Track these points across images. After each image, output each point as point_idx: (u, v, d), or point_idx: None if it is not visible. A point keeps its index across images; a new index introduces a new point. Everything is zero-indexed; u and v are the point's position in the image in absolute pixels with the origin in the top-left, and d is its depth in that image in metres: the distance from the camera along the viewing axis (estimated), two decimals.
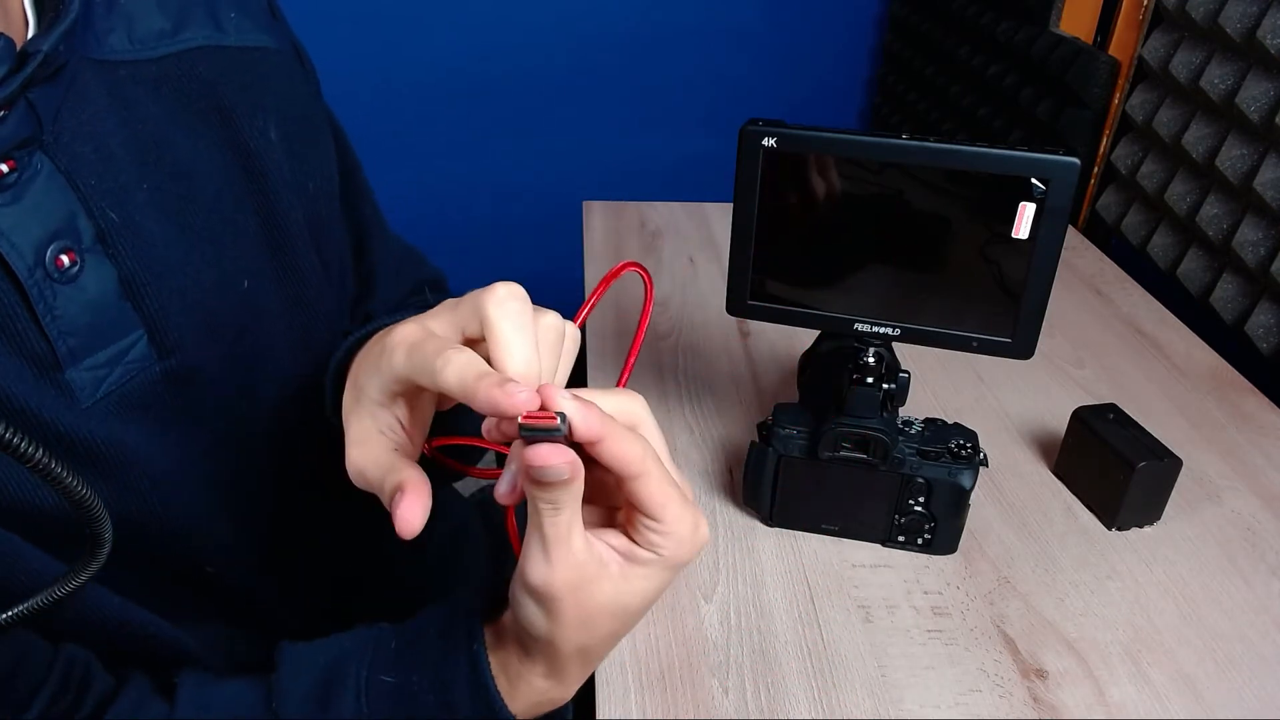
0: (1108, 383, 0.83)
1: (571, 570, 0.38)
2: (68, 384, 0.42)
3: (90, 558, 0.41)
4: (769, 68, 1.89)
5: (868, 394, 0.58)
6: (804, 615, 0.59)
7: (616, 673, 0.55)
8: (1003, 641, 0.58)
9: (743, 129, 0.55)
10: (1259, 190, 0.89)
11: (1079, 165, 0.51)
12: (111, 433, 0.44)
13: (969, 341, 0.57)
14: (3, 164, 0.40)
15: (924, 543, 0.63)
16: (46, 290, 0.41)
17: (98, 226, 0.43)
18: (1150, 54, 1.07)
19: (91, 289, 0.43)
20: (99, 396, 0.44)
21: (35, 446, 0.36)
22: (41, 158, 0.42)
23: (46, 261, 0.41)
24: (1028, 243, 0.53)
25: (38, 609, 0.40)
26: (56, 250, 0.42)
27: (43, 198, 0.41)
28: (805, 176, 0.55)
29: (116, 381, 0.44)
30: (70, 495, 0.38)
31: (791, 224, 0.57)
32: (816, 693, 0.54)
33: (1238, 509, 0.69)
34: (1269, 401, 0.81)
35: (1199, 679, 0.56)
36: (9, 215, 0.40)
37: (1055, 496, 0.70)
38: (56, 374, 0.42)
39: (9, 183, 0.40)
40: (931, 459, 0.60)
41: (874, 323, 0.58)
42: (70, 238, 0.42)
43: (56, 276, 0.42)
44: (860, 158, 0.54)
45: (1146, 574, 0.63)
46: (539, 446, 0.35)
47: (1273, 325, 0.89)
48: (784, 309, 0.60)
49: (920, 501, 0.61)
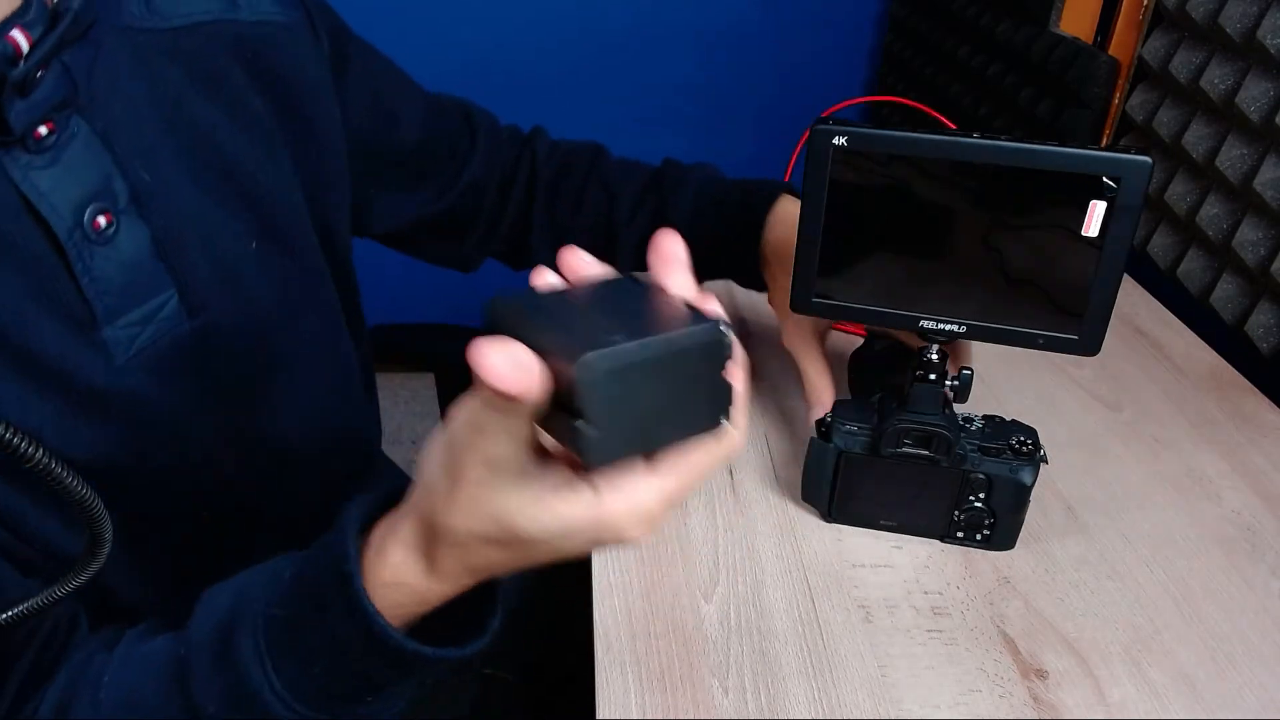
0: (1108, 383, 0.83)
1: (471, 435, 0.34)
2: (104, 342, 0.43)
3: (90, 557, 0.41)
4: (769, 67, 1.89)
5: (931, 390, 0.58)
6: (804, 615, 0.59)
7: (616, 673, 0.55)
8: (1003, 641, 0.58)
9: (812, 128, 0.54)
10: (1259, 190, 0.89)
11: (1151, 164, 0.51)
12: (144, 388, 0.45)
13: (1035, 339, 0.57)
14: (42, 126, 0.41)
15: (983, 538, 0.64)
16: (85, 252, 0.42)
17: (131, 187, 0.44)
18: (1150, 54, 1.07)
19: (126, 249, 0.44)
20: (132, 354, 0.45)
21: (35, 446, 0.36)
22: (78, 120, 0.42)
23: (85, 223, 0.42)
24: (1097, 240, 0.53)
25: (38, 609, 0.40)
26: (94, 212, 0.42)
27: (80, 160, 0.42)
28: (874, 176, 0.55)
29: (149, 339, 0.45)
30: (70, 495, 0.38)
31: (858, 223, 0.57)
32: (816, 693, 0.54)
33: (1238, 509, 0.69)
34: (1269, 401, 0.81)
35: (1199, 679, 0.56)
36: (48, 177, 0.41)
37: (1055, 497, 0.70)
38: (93, 333, 0.43)
39: (48, 145, 0.41)
40: (993, 455, 0.60)
41: (939, 320, 0.58)
42: (107, 199, 0.43)
43: (94, 238, 0.43)
44: (932, 156, 0.54)
45: (1146, 574, 0.63)
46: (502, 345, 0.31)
47: (1273, 325, 0.89)
48: (849, 306, 0.60)
49: (980, 498, 0.62)
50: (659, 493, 0.35)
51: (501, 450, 0.34)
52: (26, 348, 0.40)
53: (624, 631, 0.57)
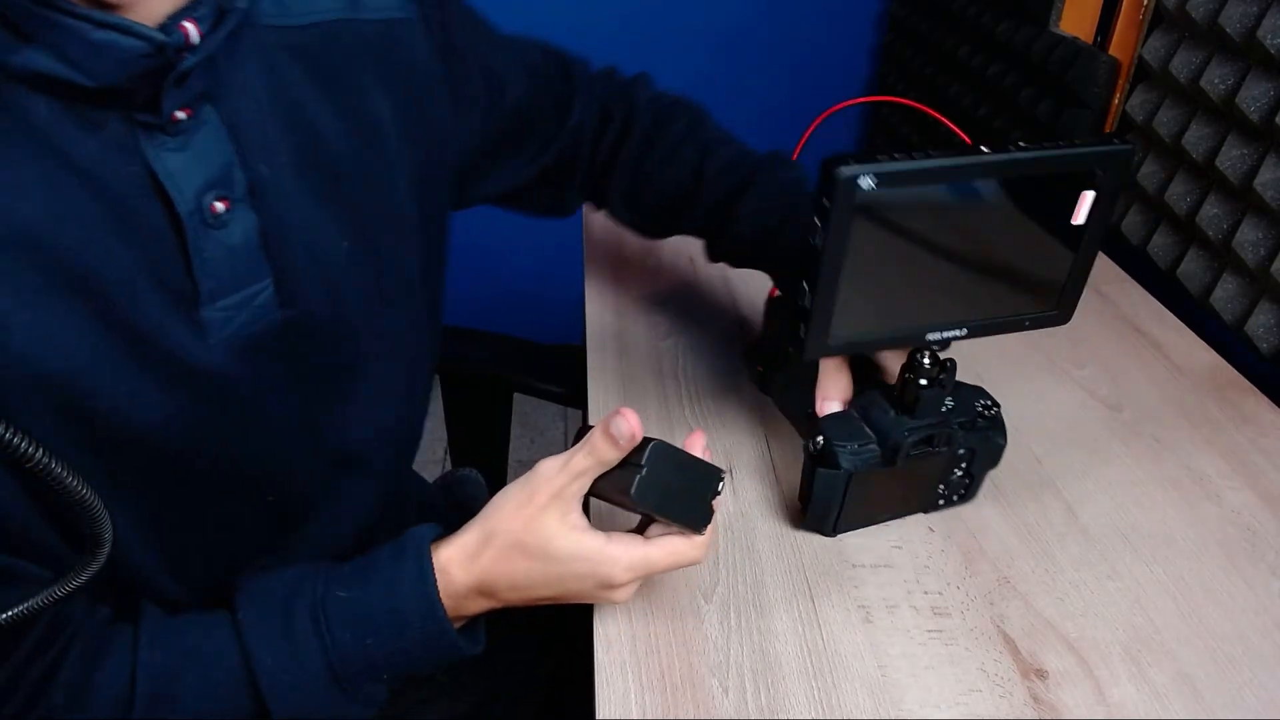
0: (1108, 383, 0.83)
1: (536, 482, 0.51)
2: (201, 321, 0.46)
3: (90, 557, 0.41)
4: (768, 68, 1.89)
5: (936, 395, 0.59)
6: (804, 615, 0.59)
7: (617, 673, 0.55)
8: (1003, 641, 0.58)
9: (833, 171, 0.49)
10: (1259, 190, 0.89)
11: (1131, 150, 0.54)
12: (229, 368, 0.47)
13: (1022, 322, 0.60)
14: (180, 111, 0.43)
15: (959, 498, 0.66)
16: (200, 234, 0.44)
17: (249, 179, 0.46)
18: (1150, 54, 1.07)
19: (236, 237, 0.46)
20: (225, 335, 0.47)
21: (35, 446, 0.36)
22: (210, 109, 0.44)
23: (204, 207, 0.44)
24: (1084, 226, 0.56)
25: (37, 608, 0.40)
26: (213, 197, 0.45)
27: (207, 147, 0.44)
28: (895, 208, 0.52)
29: (242, 324, 0.47)
30: (71, 495, 0.38)
31: (877, 257, 0.54)
32: (816, 692, 0.54)
33: (1238, 509, 0.69)
34: (1269, 401, 0.81)
35: (1199, 679, 0.56)
36: (177, 160, 0.43)
37: (1055, 497, 0.70)
38: (194, 311, 0.45)
39: (182, 129, 0.43)
40: (969, 428, 0.61)
41: (944, 328, 0.58)
42: (226, 187, 0.45)
43: (210, 222, 0.45)
44: (956, 181, 0.52)
45: (1146, 574, 0.63)
46: (630, 415, 0.49)
47: (1273, 325, 0.89)
48: (860, 341, 0.58)
49: (963, 467, 0.64)
50: (644, 556, 0.51)
51: (569, 489, 0.50)
52: (131, 318, 0.42)
53: (624, 631, 0.57)
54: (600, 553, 0.50)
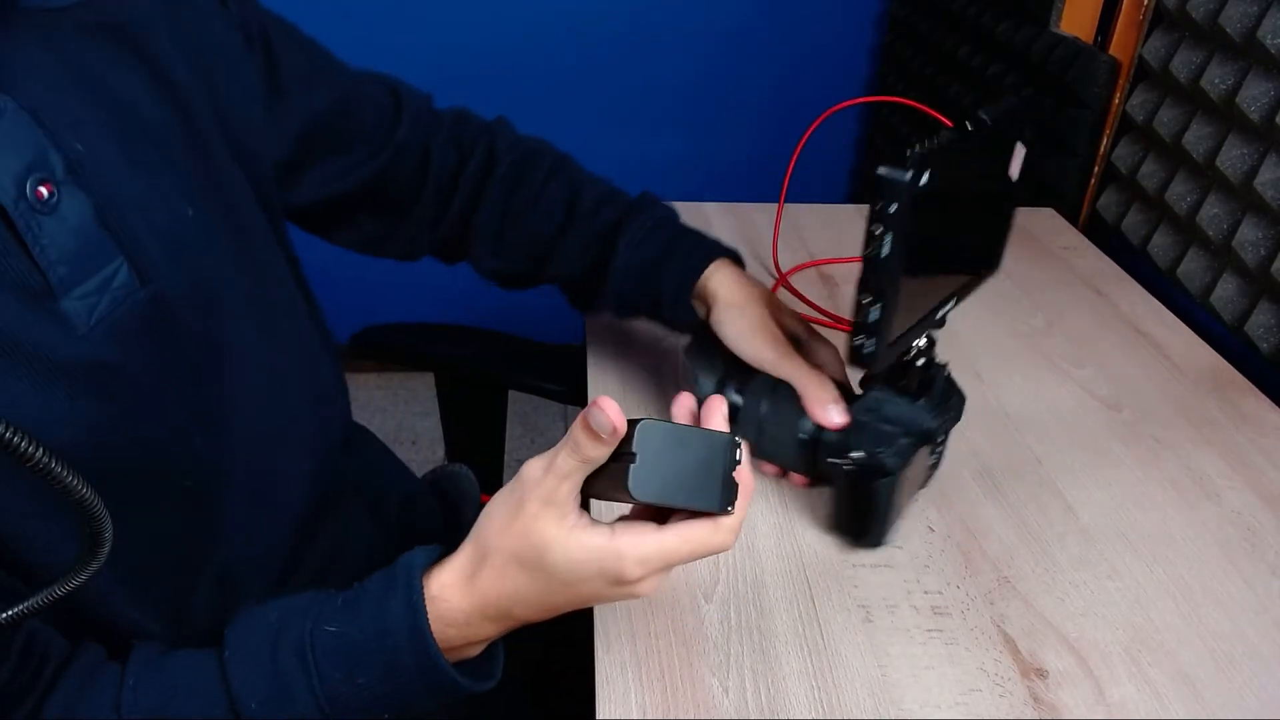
0: (1108, 383, 0.83)
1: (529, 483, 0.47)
2: (64, 314, 0.44)
3: (90, 557, 0.41)
4: (768, 68, 1.89)
5: (947, 378, 0.61)
6: (804, 615, 0.59)
7: (617, 672, 0.55)
8: (1003, 641, 0.58)
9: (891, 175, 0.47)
10: (1259, 190, 0.89)
11: (1044, 98, 0.56)
12: (108, 357, 0.46)
13: (977, 282, 0.61)
14: None
15: (935, 466, 0.66)
16: (32, 221, 0.43)
17: (66, 158, 0.45)
18: (1150, 54, 1.07)
19: (71, 218, 0.45)
20: (92, 324, 0.45)
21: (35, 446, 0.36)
22: (3, 97, 0.43)
23: (28, 193, 0.43)
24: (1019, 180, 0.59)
25: (37, 608, 0.40)
26: (35, 182, 0.43)
27: (12, 133, 0.43)
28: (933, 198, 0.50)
29: (107, 309, 0.46)
30: (70, 494, 0.38)
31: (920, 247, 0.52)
32: (816, 692, 0.54)
33: (1238, 509, 0.69)
34: (1269, 401, 0.81)
35: (1199, 679, 0.56)
36: None
37: (1055, 497, 0.70)
38: (52, 304, 0.44)
39: None
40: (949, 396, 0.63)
41: (944, 304, 0.58)
42: (45, 170, 0.44)
43: (39, 207, 0.43)
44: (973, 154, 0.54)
45: (1146, 574, 0.63)
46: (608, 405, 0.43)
47: (1273, 325, 0.88)
48: (900, 339, 0.56)
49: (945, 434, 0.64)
50: (659, 545, 0.46)
51: (559, 492, 0.46)
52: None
53: (624, 631, 0.57)
54: (605, 549, 0.46)
